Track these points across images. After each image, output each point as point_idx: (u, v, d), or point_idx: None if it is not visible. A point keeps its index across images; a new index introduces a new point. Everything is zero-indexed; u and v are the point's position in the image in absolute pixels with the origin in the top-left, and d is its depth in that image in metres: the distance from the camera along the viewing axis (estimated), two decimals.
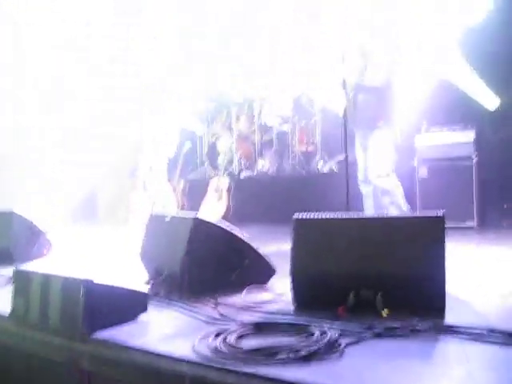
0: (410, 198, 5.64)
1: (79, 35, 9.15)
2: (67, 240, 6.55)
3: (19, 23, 9.44)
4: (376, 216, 3.21)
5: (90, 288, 2.52)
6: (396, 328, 2.37)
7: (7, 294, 2.97)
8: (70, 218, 8.80)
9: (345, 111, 4.45)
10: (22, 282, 2.90)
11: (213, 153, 9.40)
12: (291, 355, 2.08)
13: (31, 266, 4.39)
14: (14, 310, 2.90)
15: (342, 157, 8.29)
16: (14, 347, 2.88)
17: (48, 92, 8.98)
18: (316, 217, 2.92)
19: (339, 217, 2.88)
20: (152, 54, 7.38)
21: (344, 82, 4.81)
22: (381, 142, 5.30)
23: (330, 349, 2.17)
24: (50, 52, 9.28)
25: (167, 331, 2.60)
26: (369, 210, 5.52)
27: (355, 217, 2.93)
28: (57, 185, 8.60)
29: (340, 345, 2.20)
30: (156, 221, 3.85)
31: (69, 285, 2.61)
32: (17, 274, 3.00)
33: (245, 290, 3.18)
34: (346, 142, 4.37)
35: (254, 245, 3.49)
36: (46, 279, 2.74)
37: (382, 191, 5.29)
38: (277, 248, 5.12)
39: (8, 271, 4.03)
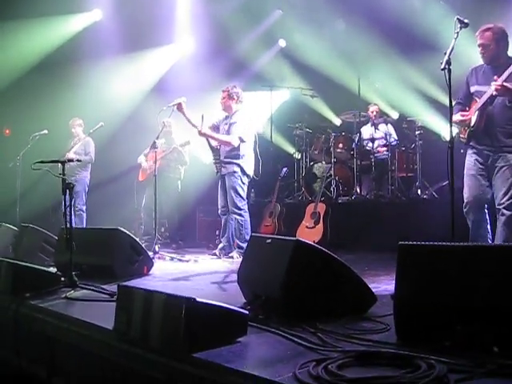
0: None
1: None
2: None
3: None
4: (490, 244, 3.02)
5: (192, 307, 2.51)
6: (511, 366, 2.19)
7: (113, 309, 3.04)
8: None
9: (451, 136, 4.25)
10: (125, 298, 2.95)
11: (310, 177, 9.37)
12: None
13: (133, 283, 4.51)
14: (116, 325, 2.95)
15: (443, 183, 8.14)
16: (114, 361, 2.92)
17: None
18: (422, 244, 2.79)
19: (448, 244, 2.73)
20: None
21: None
22: None
23: None
24: None
25: (266, 356, 2.55)
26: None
27: (466, 244, 2.77)
28: None
29: (449, 381, 2.06)
30: (256, 243, 3.83)
31: (171, 303, 2.63)
32: (121, 289, 3.06)
33: (345, 317, 3.09)
34: (453, 167, 4.17)
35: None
36: (149, 296, 2.77)
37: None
38: (374, 274, 5.01)
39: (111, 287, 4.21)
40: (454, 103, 4.87)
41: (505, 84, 4.48)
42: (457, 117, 4.84)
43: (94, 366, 3.11)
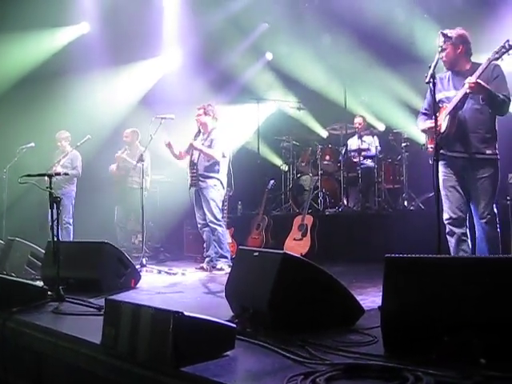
0: None
1: None
2: None
3: None
4: (477, 256, 3.05)
5: (180, 321, 2.50)
6: (498, 378, 2.22)
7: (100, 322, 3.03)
8: None
9: (436, 148, 4.27)
10: (112, 312, 2.94)
11: (297, 189, 9.40)
12: None
13: (120, 297, 4.49)
14: (103, 339, 2.94)
15: (429, 194, 8.19)
16: (102, 375, 2.90)
17: None
18: (409, 256, 2.81)
19: (435, 256, 2.76)
20: None
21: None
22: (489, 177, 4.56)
23: None
24: None
25: (254, 369, 2.54)
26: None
27: (453, 257, 2.80)
28: None
29: None
30: (243, 256, 3.84)
31: (158, 317, 2.62)
32: (108, 303, 3.05)
33: (333, 330, 3.10)
34: (438, 179, 4.20)
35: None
36: (136, 310, 2.76)
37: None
38: (361, 287, 5.02)
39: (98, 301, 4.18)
40: (419, 114, 4.88)
41: (479, 81, 4.34)
42: (426, 124, 4.70)
43: (81, 380, 3.09)
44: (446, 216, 4.66)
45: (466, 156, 4.60)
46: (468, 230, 4.69)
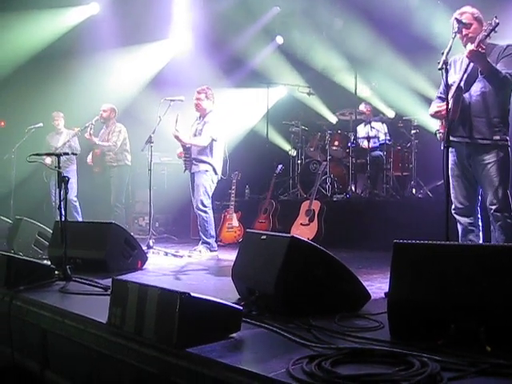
0: None
1: None
2: None
3: None
4: (485, 244, 3.03)
5: (187, 301, 2.51)
6: (504, 366, 2.21)
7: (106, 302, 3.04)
8: None
9: (447, 135, 4.22)
10: (119, 292, 2.95)
11: (305, 175, 9.37)
12: None
13: (127, 277, 4.50)
14: (110, 319, 2.95)
15: (438, 182, 8.17)
16: (109, 355, 2.92)
17: None
18: (418, 242, 2.80)
19: (443, 243, 2.74)
20: None
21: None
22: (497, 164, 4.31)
23: (431, 382, 2.04)
24: None
25: (260, 351, 2.55)
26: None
27: (460, 244, 2.78)
28: None
29: (442, 379, 2.07)
30: (250, 239, 3.83)
31: (165, 297, 2.62)
32: (115, 283, 3.05)
33: (339, 314, 3.09)
34: (448, 167, 4.17)
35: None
36: (143, 290, 2.77)
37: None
38: (368, 273, 5.02)
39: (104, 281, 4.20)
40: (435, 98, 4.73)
41: (479, 49, 4.12)
42: (432, 108, 4.54)
43: (87, 359, 3.11)
44: (452, 206, 4.54)
45: (469, 141, 4.41)
46: (479, 221, 4.53)
